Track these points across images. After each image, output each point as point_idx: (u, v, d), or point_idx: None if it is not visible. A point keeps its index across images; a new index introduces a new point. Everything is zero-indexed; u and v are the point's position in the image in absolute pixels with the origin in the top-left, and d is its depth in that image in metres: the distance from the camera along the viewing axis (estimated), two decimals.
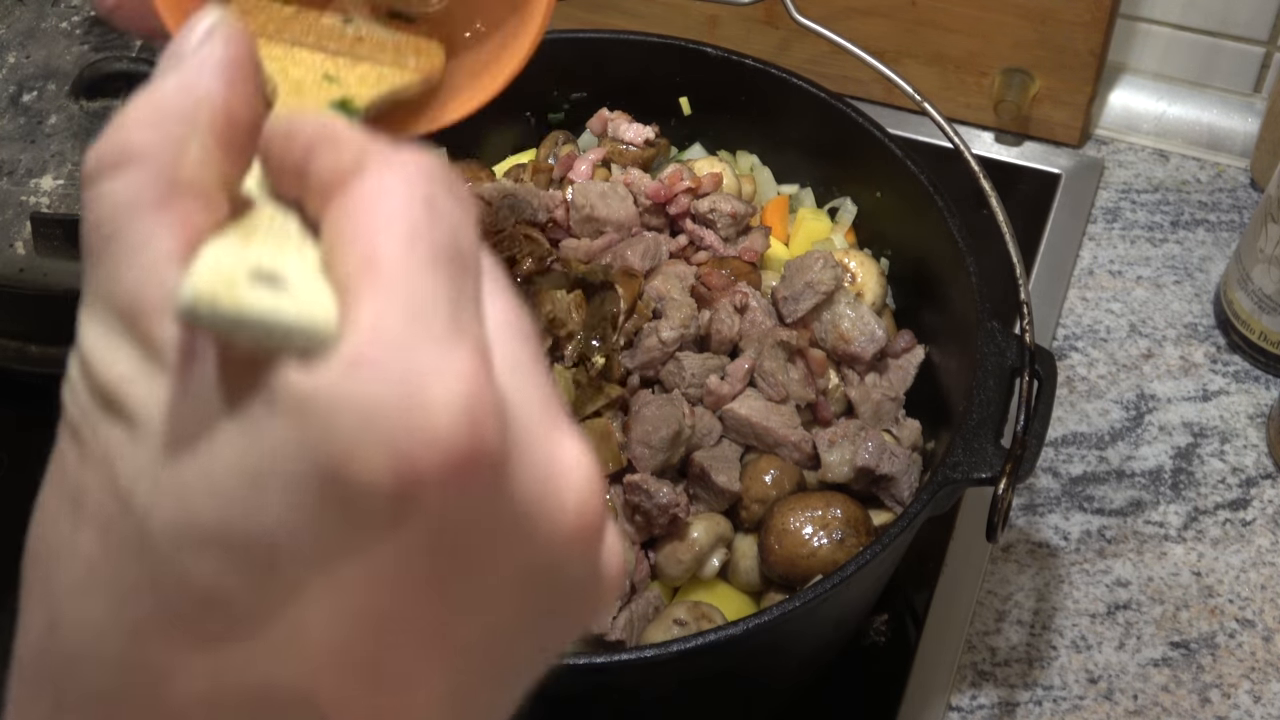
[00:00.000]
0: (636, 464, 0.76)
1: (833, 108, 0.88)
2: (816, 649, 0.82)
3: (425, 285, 0.27)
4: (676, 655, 0.65)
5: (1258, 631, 0.88)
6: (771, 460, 0.79)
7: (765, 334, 0.81)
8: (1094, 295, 1.06)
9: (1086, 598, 0.90)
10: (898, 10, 1.11)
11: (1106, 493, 0.95)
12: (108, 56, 1.12)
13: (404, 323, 0.27)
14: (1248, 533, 0.93)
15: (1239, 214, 1.11)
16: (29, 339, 1.01)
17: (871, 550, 0.68)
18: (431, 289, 0.27)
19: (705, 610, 0.75)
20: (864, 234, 0.93)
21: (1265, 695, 0.86)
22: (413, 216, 0.28)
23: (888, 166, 0.86)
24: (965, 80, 1.14)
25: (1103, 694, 0.86)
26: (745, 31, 1.16)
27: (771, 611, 0.66)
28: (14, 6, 1.19)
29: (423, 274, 0.27)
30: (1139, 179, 1.14)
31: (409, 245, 0.28)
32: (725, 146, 0.96)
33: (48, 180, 1.06)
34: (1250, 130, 1.13)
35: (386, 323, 0.27)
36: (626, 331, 0.80)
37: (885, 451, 0.78)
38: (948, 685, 0.87)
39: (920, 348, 0.85)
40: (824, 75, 0.94)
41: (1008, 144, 1.16)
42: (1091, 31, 1.07)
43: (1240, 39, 1.11)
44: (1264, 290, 0.96)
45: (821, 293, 0.82)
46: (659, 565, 0.77)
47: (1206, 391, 1.00)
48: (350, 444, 0.26)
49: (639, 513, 0.75)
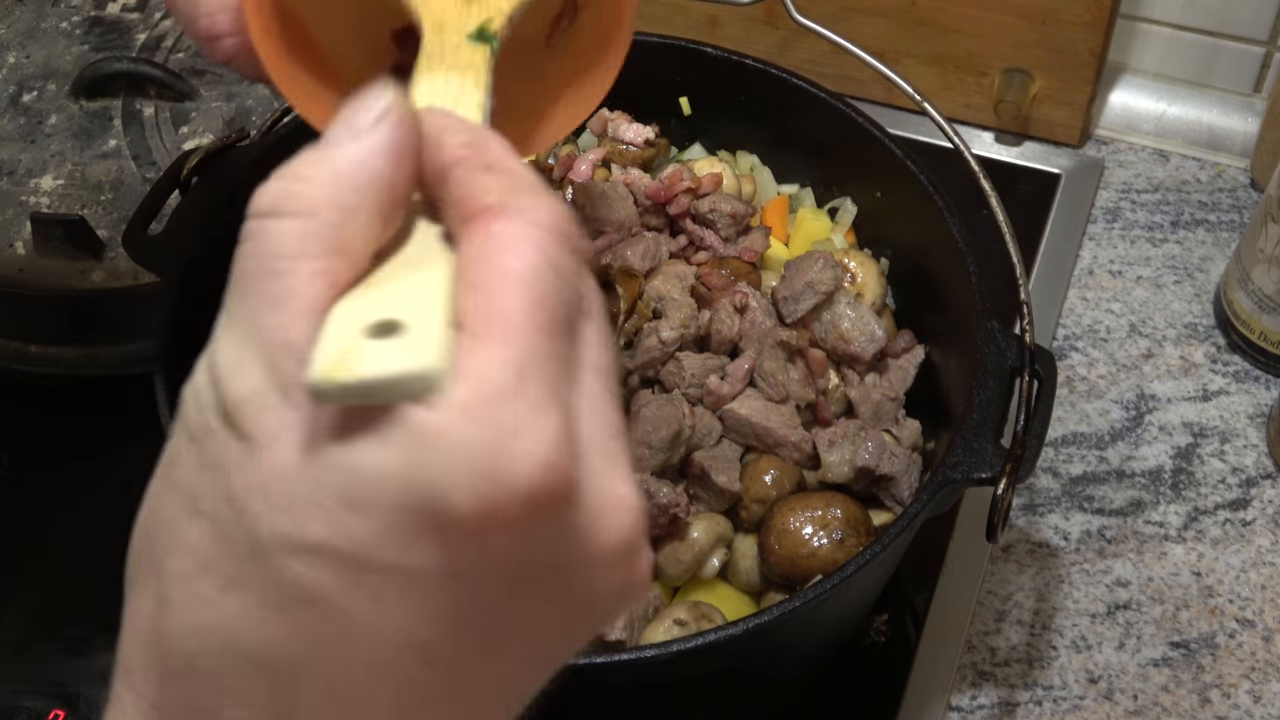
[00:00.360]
0: (636, 464, 0.76)
1: (833, 108, 0.88)
2: (816, 649, 0.82)
3: (538, 349, 0.32)
4: (676, 655, 0.65)
5: (1258, 631, 0.88)
6: (771, 460, 0.79)
7: (765, 334, 0.81)
8: (1094, 295, 1.06)
9: (1086, 598, 0.90)
10: (898, 10, 1.11)
11: (1106, 493, 0.95)
12: (108, 56, 1.12)
13: (512, 381, 0.31)
14: (1248, 533, 0.93)
15: (1239, 214, 1.11)
16: (29, 339, 1.01)
17: (871, 550, 0.68)
18: (543, 353, 0.32)
19: (705, 610, 0.75)
20: (864, 234, 0.93)
21: (1265, 695, 0.86)
22: (541, 282, 0.32)
23: (888, 166, 0.86)
24: (965, 80, 1.14)
25: (1103, 694, 0.86)
26: (745, 31, 1.16)
27: (771, 611, 0.66)
28: (14, 6, 1.19)
29: (538, 338, 0.32)
30: (1139, 179, 1.14)
31: (532, 309, 0.32)
32: (725, 146, 0.96)
33: (48, 180, 1.06)
34: (1250, 130, 1.13)
35: (497, 378, 0.31)
36: (626, 331, 0.80)
37: (885, 451, 0.78)
38: (948, 685, 0.87)
39: (920, 348, 0.85)
40: (824, 75, 0.94)
41: (1008, 144, 1.16)
42: (1091, 31, 1.07)
43: (1240, 39, 1.11)
44: (1264, 290, 0.96)
45: (821, 293, 0.82)
46: (659, 565, 0.77)
47: (1206, 391, 1.00)
48: (444, 477, 0.30)
49: None
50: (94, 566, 0.94)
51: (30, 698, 0.87)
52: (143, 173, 1.05)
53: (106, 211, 1.03)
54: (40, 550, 0.95)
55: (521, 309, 0.32)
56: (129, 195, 1.04)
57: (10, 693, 0.88)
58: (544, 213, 0.33)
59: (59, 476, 0.99)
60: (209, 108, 1.10)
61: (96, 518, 0.96)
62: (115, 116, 1.09)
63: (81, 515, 0.96)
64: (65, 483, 0.98)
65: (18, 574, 0.94)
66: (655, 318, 0.81)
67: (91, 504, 0.97)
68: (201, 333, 0.88)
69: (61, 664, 0.89)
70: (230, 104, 1.10)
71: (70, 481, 0.98)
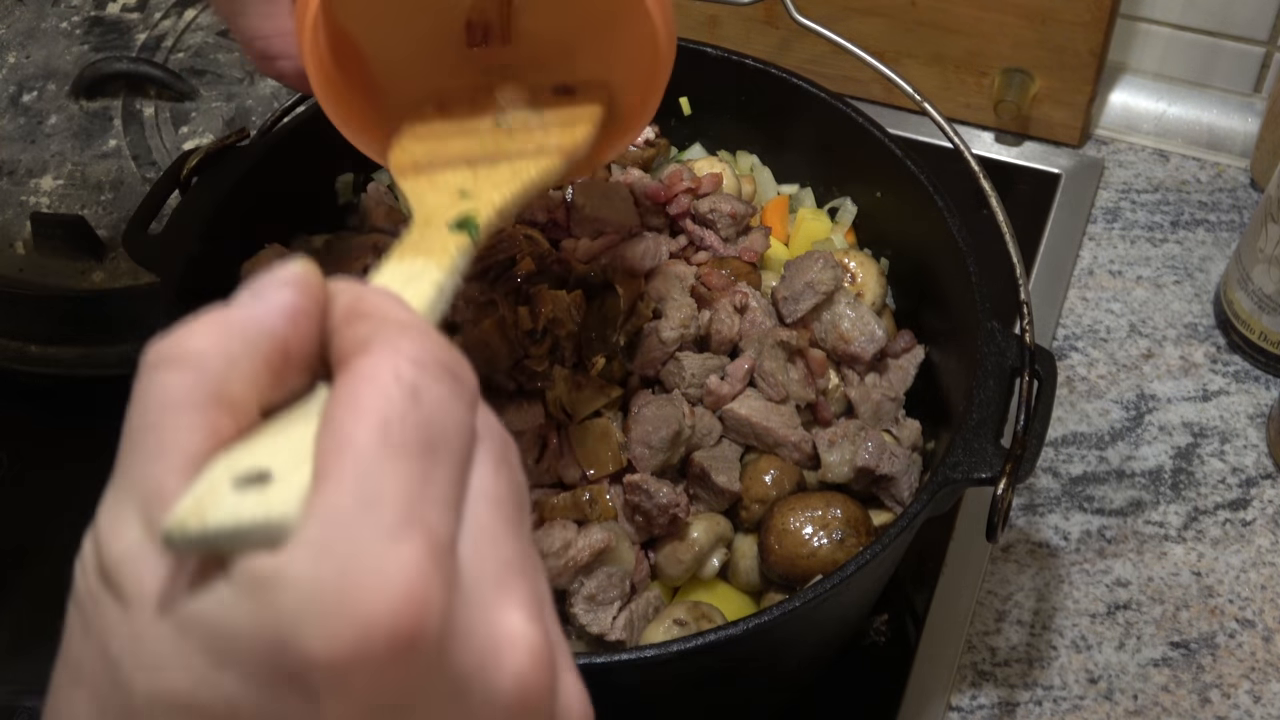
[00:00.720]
0: (636, 464, 0.76)
1: (833, 108, 0.88)
2: (816, 649, 0.82)
3: (386, 474, 0.30)
4: (676, 655, 0.65)
5: (1258, 631, 0.88)
6: (771, 460, 0.79)
7: (765, 334, 0.81)
8: (1094, 295, 1.06)
9: (1086, 598, 0.90)
10: (898, 10, 1.11)
11: (1106, 493, 0.95)
12: (108, 56, 1.12)
13: (356, 510, 0.29)
14: (1248, 533, 0.93)
15: (1239, 214, 1.11)
16: (29, 339, 1.01)
17: (871, 550, 0.68)
18: (391, 478, 0.30)
19: (705, 610, 0.75)
20: (864, 234, 0.93)
21: (1265, 695, 0.86)
22: (389, 406, 0.31)
23: (888, 166, 0.86)
24: (965, 80, 1.14)
25: (1103, 694, 0.86)
26: (745, 31, 1.16)
27: (771, 611, 0.66)
28: (14, 6, 1.19)
29: (386, 463, 0.30)
30: (1139, 179, 1.14)
31: (380, 435, 0.30)
32: (725, 146, 0.96)
33: (48, 180, 1.06)
34: (1250, 130, 1.13)
35: (340, 509, 0.29)
36: (626, 331, 0.80)
37: (885, 451, 0.78)
38: (948, 685, 0.87)
39: (920, 348, 0.85)
40: (824, 75, 0.94)
41: (1008, 144, 1.16)
42: (1091, 31, 1.07)
43: (1240, 39, 1.11)
44: (1264, 290, 0.96)
45: (821, 293, 0.82)
46: (659, 565, 0.77)
47: (1206, 391, 1.00)
48: (294, 622, 0.29)
49: (639, 513, 0.76)
50: None
51: (30, 698, 0.87)
52: (143, 173, 1.05)
53: (106, 211, 1.03)
54: (40, 550, 0.95)
55: (368, 434, 0.30)
56: (129, 195, 1.04)
57: (10, 693, 0.88)
58: (407, 342, 0.32)
59: (59, 476, 0.98)
60: (209, 108, 1.10)
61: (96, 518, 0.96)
62: (115, 116, 1.09)
63: (81, 515, 0.96)
64: (65, 483, 0.98)
65: (18, 574, 0.94)
66: (655, 318, 0.81)
67: (91, 504, 0.96)
68: None
69: None
70: (230, 104, 1.10)
71: (70, 481, 0.98)
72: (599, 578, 0.73)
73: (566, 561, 0.72)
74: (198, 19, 1.17)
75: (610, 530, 0.74)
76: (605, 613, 0.74)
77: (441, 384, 0.32)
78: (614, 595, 0.74)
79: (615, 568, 0.74)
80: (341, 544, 0.29)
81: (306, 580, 0.29)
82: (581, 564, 0.73)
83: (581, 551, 0.73)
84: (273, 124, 0.88)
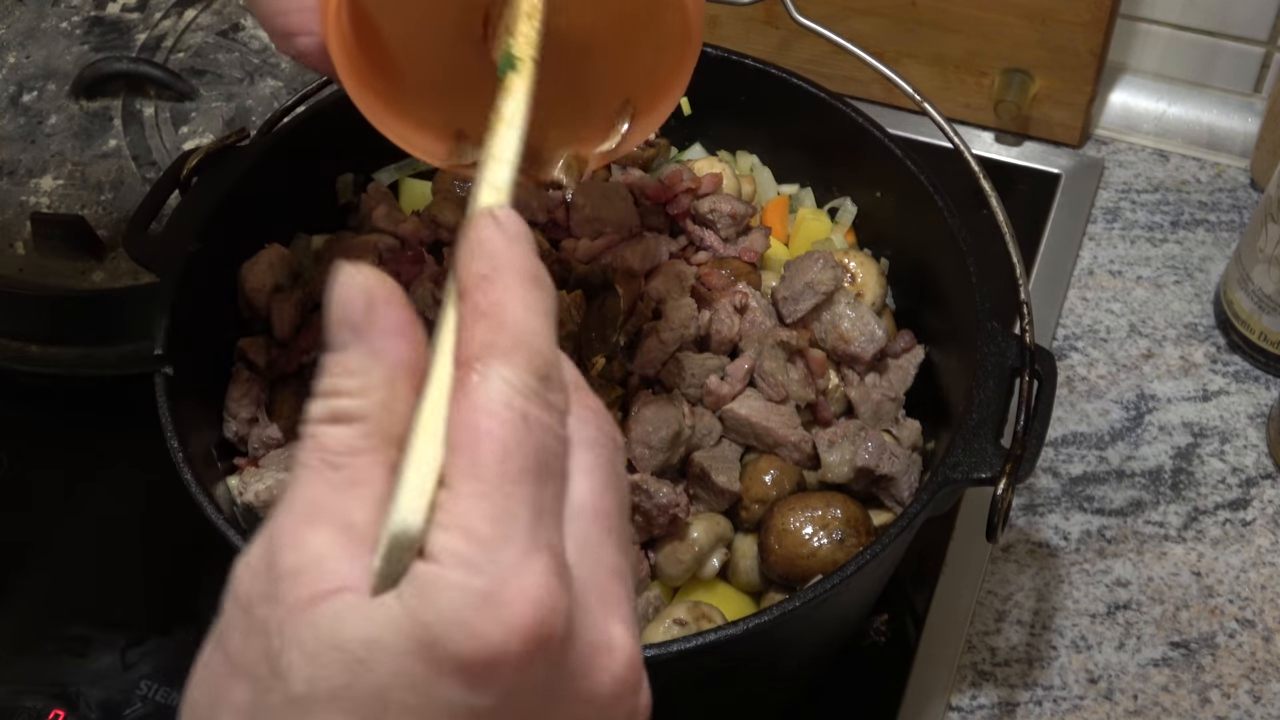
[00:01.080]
0: (636, 464, 0.76)
1: (833, 108, 0.88)
2: (816, 649, 0.82)
3: (511, 497, 0.35)
4: (676, 655, 0.65)
5: (1258, 631, 0.88)
6: (771, 460, 0.79)
7: (765, 334, 0.81)
8: (1094, 295, 1.06)
9: (1086, 598, 0.90)
10: (898, 10, 1.11)
11: (1106, 493, 0.95)
12: (108, 56, 1.12)
13: (491, 529, 0.35)
14: (1248, 533, 0.93)
15: (1239, 214, 1.11)
16: (29, 339, 1.01)
17: (871, 550, 0.68)
18: (517, 500, 0.35)
19: (705, 610, 0.75)
20: (864, 234, 0.93)
21: (1265, 695, 0.86)
22: (508, 435, 0.36)
23: (888, 166, 0.86)
24: (965, 80, 1.14)
25: (1103, 694, 0.86)
26: (745, 31, 1.16)
27: (771, 611, 0.66)
28: (14, 6, 1.19)
29: (510, 487, 0.35)
30: (1139, 179, 1.14)
31: (501, 461, 0.35)
32: (725, 146, 0.96)
33: (48, 180, 1.06)
34: (1250, 130, 1.13)
35: (477, 528, 0.35)
36: (626, 331, 0.80)
37: (885, 451, 0.78)
38: (948, 685, 0.87)
39: (920, 348, 0.85)
40: (824, 75, 0.94)
41: (1008, 144, 1.16)
42: (1091, 31, 1.07)
43: (1240, 39, 1.11)
44: (1264, 290, 0.96)
45: (821, 293, 0.82)
46: (659, 565, 0.77)
47: (1206, 391, 1.00)
48: (445, 624, 0.34)
49: (639, 513, 0.76)
50: (94, 566, 0.94)
51: (30, 698, 0.87)
52: (143, 173, 1.05)
53: (106, 211, 1.03)
54: (40, 550, 0.95)
55: (493, 462, 0.35)
56: (129, 195, 1.04)
57: (10, 693, 0.88)
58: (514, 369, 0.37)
59: (59, 476, 0.99)
60: (209, 108, 1.10)
61: (96, 518, 0.96)
62: (115, 116, 1.10)
63: (81, 515, 0.96)
64: (65, 483, 0.98)
65: (18, 574, 0.94)
66: (655, 318, 0.81)
67: (91, 504, 0.97)
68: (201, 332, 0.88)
69: (61, 664, 0.89)
70: (230, 104, 1.10)
71: (70, 481, 0.98)
72: None
73: None
74: (198, 19, 1.17)
75: None
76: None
77: (545, 411, 0.37)
78: None
79: None
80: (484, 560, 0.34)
81: (456, 588, 0.34)
82: None
83: None
84: (273, 124, 0.88)
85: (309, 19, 0.60)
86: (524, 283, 0.39)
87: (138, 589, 0.93)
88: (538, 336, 0.38)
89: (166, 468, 0.72)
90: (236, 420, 0.81)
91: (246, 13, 1.16)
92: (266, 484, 0.77)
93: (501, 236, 0.40)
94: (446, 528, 0.35)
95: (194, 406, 0.79)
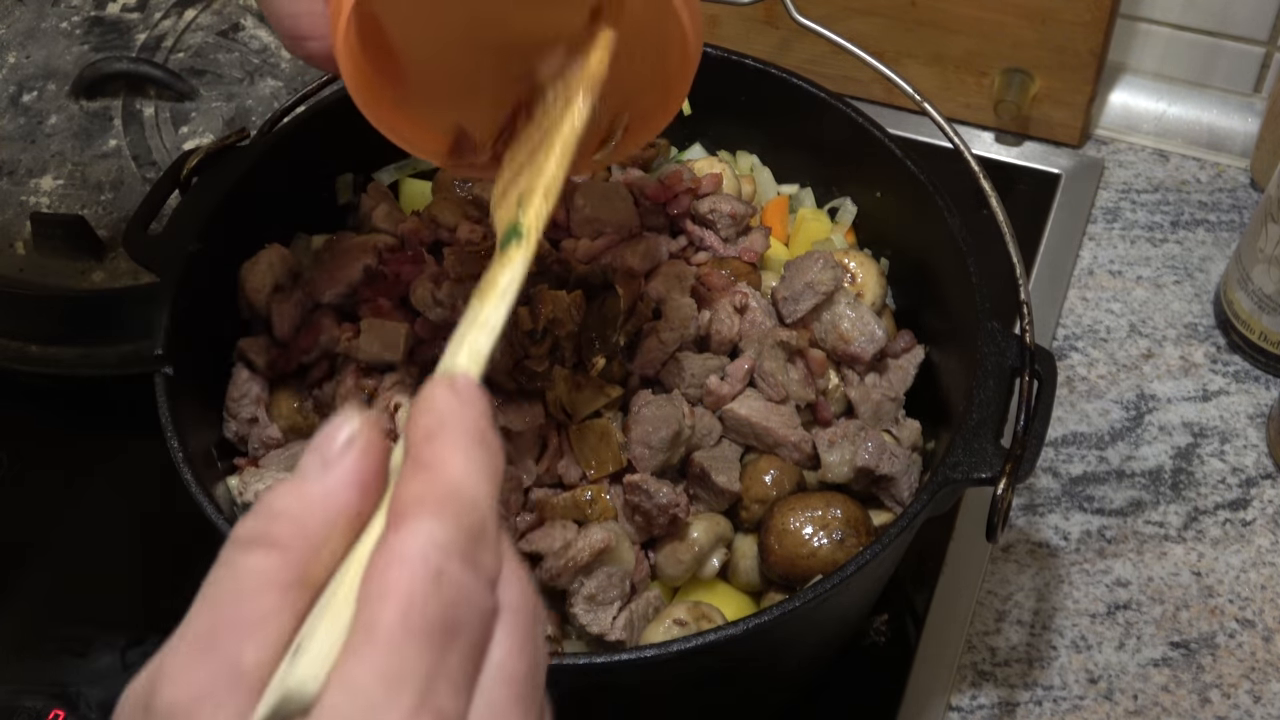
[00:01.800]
0: (636, 464, 0.76)
1: (833, 108, 0.88)
2: (816, 649, 0.82)
3: (405, 657, 0.34)
4: (676, 655, 0.65)
5: (1258, 631, 0.88)
6: (771, 460, 0.79)
7: (765, 334, 0.81)
8: (1094, 295, 1.06)
9: (1086, 598, 0.90)
10: (898, 10, 1.11)
11: (1106, 493, 0.95)
12: (108, 56, 1.12)
13: (378, 687, 0.33)
14: (1248, 533, 0.93)
15: (1239, 214, 1.11)
16: (29, 339, 1.01)
17: (871, 550, 0.68)
18: (411, 661, 0.34)
19: (705, 610, 0.75)
20: (864, 234, 0.93)
21: (1265, 695, 0.86)
22: (413, 589, 0.34)
23: (888, 166, 0.86)
24: (965, 80, 1.14)
25: (1103, 694, 0.86)
26: (745, 31, 1.16)
27: (771, 611, 0.66)
28: (14, 6, 1.19)
29: (406, 646, 0.34)
30: (1139, 179, 1.14)
31: (402, 618, 0.34)
32: (725, 146, 0.96)
33: (48, 180, 1.06)
34: (1250, 130, 1.13)
35: (363, 685, 0.33)
36: (626, 331, 0.80)
37: (885, 452, 0.78)
38: (948, 685, 0.87)
39: (920, 348, 0.85)
40: (824, 75, 0.94)
41: (1008, 144, 1.16)
42: (1091, 31, 1.07)
43: (1240, 39, 1.11)
44: (1264, 290, 0.96)
45: (821, 293, 0.82)
46: (659, 565, 0.77)
47: (1206, 391, 1.00)
48: None
49: (639, 513, 0.76)
50: (94, 566, 0.94)
51: (30, 698, 0.87)
52: (143, 173, 1.05)
53: (106, 211, 1.03)
54: (40, 550, 0.95)
55: (392, 616, 0.34)
56: (129, 195, 1.04)
57: (10, 693, 0.88)
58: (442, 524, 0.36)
59: (59, 476, 0.99)
60: (209, 108, 1.10)
61: (96, 518, 0.96)
62: (115, 116, 1.10)
63: (81, 515, 0.96)
64: (65, 483, 0.98)
65: (18, 574, 0.94)
66: (655, 318, 0.81)
67: (91, 504, 0.97)
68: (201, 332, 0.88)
69: (61, 664, 0.89)
70: (230, 104, 1.10)
71: (70, 481, 0.98)
72: (599, 578, 0.73)
73: (566, 561, 0.72)
74: (198, 19, 1.17)
75: (610, 530, 0.74)
76: (605, 613, 0.74)
77: (465, 569, 0.36)
78: (614, 595, 0.74)
79: (615, 568, 0.74)
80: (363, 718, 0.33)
81: None
82: (581, 564, 0.73)
83: (581, 551, 0.73)
84: (273, 124, 0.88)
85: (319, 23, 0.60)
86: (469, 441, 0.38)
87: (138, 589, 0.93)
88: (474, 493, 0.37)
89: (166, 468, 0.72)
90: (236, 420, 0.81)
91: (246, 12, 1.16)
92: (266, 484, 0.77)
93: (454, 398, 0.39)
94: (335, 684, 0.34)
95: (194, 406, 0.79)
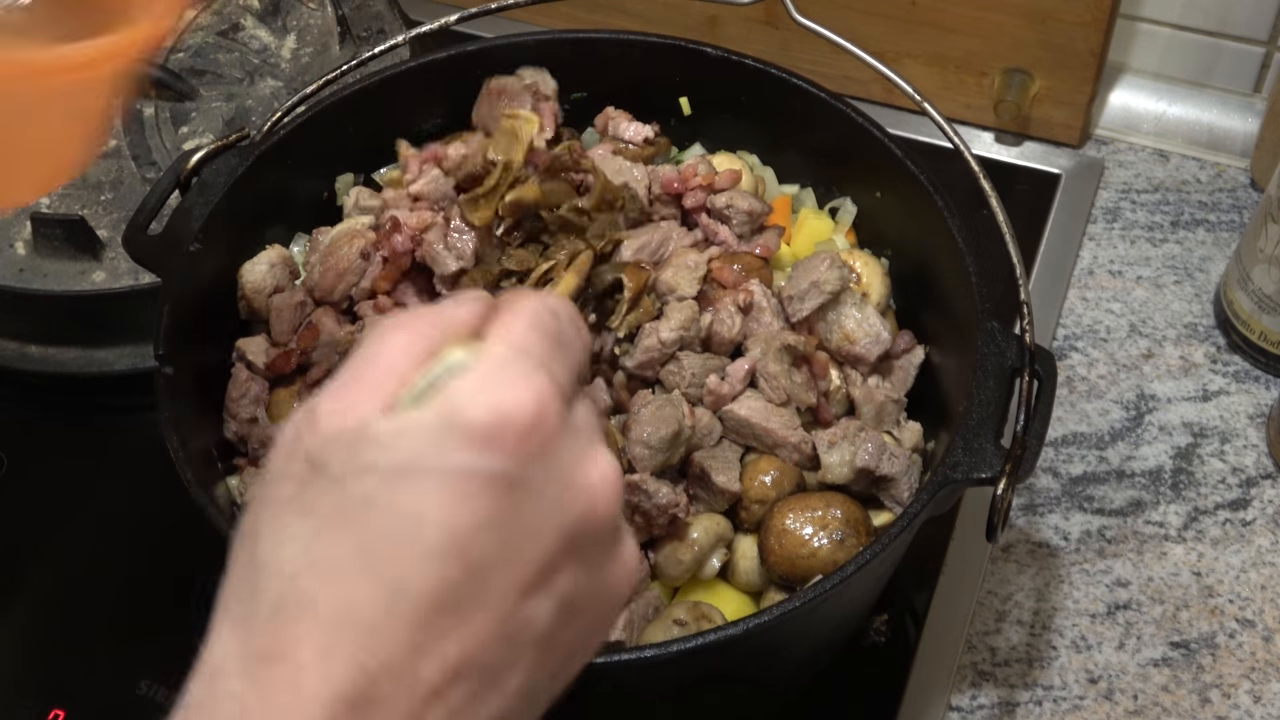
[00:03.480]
0: (636, 464, 0.76)
1: (833, 108, 0.88)
2: (816, 649, 0.82)
3: (530, 341, 0.45)
4: (676, 655, 0.65)
5: (1258, 631, 0.88)
6: (771, 461, 0.79)
7: (772, 336, 0.81)
8: (1094, 295, 1.06)
9: (1086, 598, 0.90)
10: (898, 10, 1.11)
11: (1106, 493, 0.95)
12: None
13: (510, 355, 0.44)
14: (1248, 533, 0.93)
15: (1239, 214, 1.11)
16: (29, 339, 1.01)
17: (871, 550, 0.68)
18: (534, 344, 0.45)
19: (705, 610, 0.75)
20: (864, 234, 0.93)
21: (1265, 695, 0.86)
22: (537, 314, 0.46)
23: (888, 166, 0.86)
24: (965, 80, 1.14)
25: (1103, 694, 0.86)
26: (745, 31, 1.16)
27: (771, 611, 0.66)
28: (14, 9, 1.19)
29: (531, 335, 0.45)
30: (1139, 179, 1.14)
31: (529, 323, 0.46)
32: (725, 146, 0.96)
33: None
34: (1250, 130, 1.13)
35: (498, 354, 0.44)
36: (629, 324, 0.80)
37: (885, 452, 0.78)
38: (948, 685, 0.87)
39: (920, 348, 0.85)
40: (824, 75, 0.94)
41: (1008, 144, 1.16)
42: (1091, 31, 1.07)
43: (1240, 39, 1.11)
44: (1264, 290, 0.96)
45: (827, 293, 0.82)
46: (659, 565, 0.77)
47: (1206, 391, 1.00)
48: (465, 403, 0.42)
49: (639, 513, 0.75)
50: (94, 566, 0.94)
51: (30, 698, 0.87)
52: (143, 173, 1.05)
53: (106, 211, 1.03)
54: (40, 550, 0.95)
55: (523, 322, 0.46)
56: (129, 195, 1.04)
57: (10, 693, 0.88)
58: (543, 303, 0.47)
59: (59, 476, 0.99)
60: (209, 108, 1.09)
61: (96, 518, 0.96)
62: (115, 116, 1.09)
63: (81, 515, 0.96)
64: (65, 483, 0.98)
65: (18, 574, 0.94)
66: (657, 318, 0.81)
67: (91, 504, 0.97)
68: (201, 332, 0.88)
69: (61, 664, 0.89)
70: (230, 104, 1.10)
71: (70, 481, 0.98)
72: None
73: None
74: (198, 19, 1.17)
75: None
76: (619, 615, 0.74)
77: (569, 321, 0.48)
78: None
79: None
80: (500, 368, 0.43)
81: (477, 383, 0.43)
82: None
83: None
84: (273, 124, 0.88)
85: None
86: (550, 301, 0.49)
87: (138, 589, 0.93)
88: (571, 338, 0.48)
89: (166, 468, 0.72)
90: (236, 420, 0.81)
91: (246, 13, 1.16)
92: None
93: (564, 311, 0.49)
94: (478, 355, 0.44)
95: (194, 406, 0.79)
